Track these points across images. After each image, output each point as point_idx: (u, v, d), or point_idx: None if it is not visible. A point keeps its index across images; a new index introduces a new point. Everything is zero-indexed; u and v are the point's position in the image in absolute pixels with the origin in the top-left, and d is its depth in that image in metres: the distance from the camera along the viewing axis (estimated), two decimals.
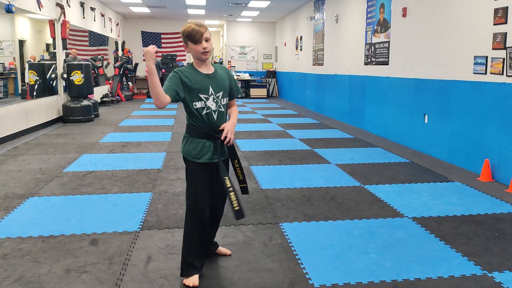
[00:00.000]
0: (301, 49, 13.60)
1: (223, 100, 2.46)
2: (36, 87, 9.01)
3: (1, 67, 9.84)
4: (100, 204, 3.84)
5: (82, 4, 11.06)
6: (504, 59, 4.56)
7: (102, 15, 13.35)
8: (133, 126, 8.58)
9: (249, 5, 13.53)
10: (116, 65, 13.83)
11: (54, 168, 5.13)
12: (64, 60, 9.67)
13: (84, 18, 11.35)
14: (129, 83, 15.65)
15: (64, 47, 9.69)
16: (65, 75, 9.36)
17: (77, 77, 9.27)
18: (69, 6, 9.94)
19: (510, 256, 2.84)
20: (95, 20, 12.48)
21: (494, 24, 4.69)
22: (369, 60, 8.19)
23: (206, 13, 15.80)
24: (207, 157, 2.41)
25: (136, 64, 15.51)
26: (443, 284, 2.47)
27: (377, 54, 7.84)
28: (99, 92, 12.44)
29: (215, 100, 2.41)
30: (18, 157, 5.72)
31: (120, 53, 15.25)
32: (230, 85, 2.53)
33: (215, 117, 2.42)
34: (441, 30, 5.76)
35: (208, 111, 2.39)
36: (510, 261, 2.77)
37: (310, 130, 8.28)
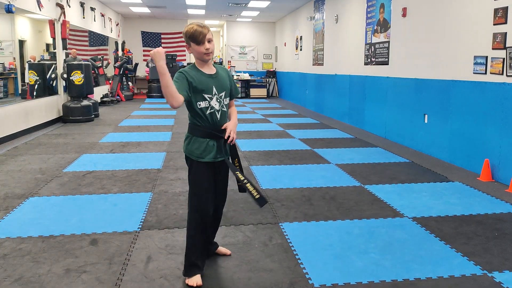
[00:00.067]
0: (301, 49, 13.60)
1: (226, 100, 2.50)
2: (36, 87, 9.00)
3: (1, 67, 9.84)
4: (100, 204, 3.84)
5: (82, 4, 11.06)
6: (504, 59, 4.56)
7: (102, 15, 13.35)
8: (133, 126, 8.58)
9: (249, 5, 13.53)
10: (116, 65, 13.83)
11: (54, 168, 5.13)
12: (64, 60, 9.67)
13: (84, 18, 11.36)
14: (129, 83, 15.64)
15: (64, 47, 9.69)
16: (65, 75, 9.36)
17: (77, 77, 9.27)
18: (69, 6, 9.94)
19: (510, 256, 2.84)
20: (95, 20, 12.48)
21: (494, 24, 4.69)
22: (369, 60, 8.20)
23: (206, 13, 15.80)
24: (211, 156, 2.44)
25: (136, 64, 15.50)
26: (443, 284, 2.47)
27: (377, 54, 7.84)
28: (99, 92, 12.44)
29: (218, 100, 2.44)
30: (18, 157, 5.72)
31: (120, 53, 15.25)
32: (230, 86, 2.56)
33: (219, 117, 2.45)
34: (441, 30, 5.76)
35: (212, 111, 2.42)
36: (510, 261, 2.77)
37: (310, 130, 8.28)
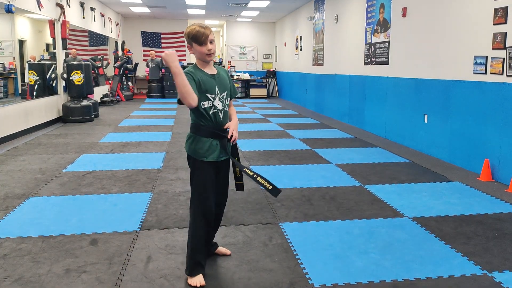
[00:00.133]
0: (301, 49, 13.60)
1: (227, 100, 2.53)
2: (36, 87, 9.00)
3: (1, 67, 9.84)
4: (100, 204, 3.84)
5: (82, 4, 11.06)
6: (504, 59, 4.56)
7: (102, 15, 13.35)
8: (133, 126, 8.58)
9: (249, 5, 13.53)
10: (116, 65, 13.83)
11: (54, 168, 5.13)
12: (64, 60, 9.67)
13: (84, 18, 11.36)
14: (129, 83, 15.64)
15: (64, 47, 9.69)
16: (65, 75, 9.36)
17: (77, 77, 9.27)
18: (69, 6, 9.94)
19: (510, 256, 2.84)
20: (95, 20, 12.48)
21: (494, 24, 4.69)
22: (369, 60, 8.20)
23: (206, 13, 15.80)
24: (215, 156, 2.47)
25: (136, 64, 15.50)
26: (443, 284, 2.47)
27: (377, 54, 7.84)
28: (99, 92, 12.44)
29: (221, 100, 2.47)
30: (18, 157, 5.72)
31: (120, 53, 15.25)
32: (230, 86, 2.57)
33: (221, 116, 2.48)
34: (441, 30, 5.76)
35: (215, 111, 2.45)
36: (510, 261, 2.77)
37: (310, 130, 8.28)
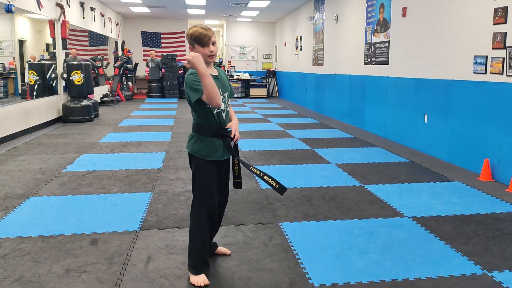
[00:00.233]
0: (301, 49, 13.60)
1: (229, 100, 2.57)
2: (36, 87, 9.00)
3: (1, 67, 9.83)
4: (100, 204, 3.84)
5: (82, 4, 11.06)
6: (504, 59, 4.56)
7: (102, 15, 13.35)
8: (133, 126, 8.58)
9: (249, 5, 13.53)
10: (116, 65, 13.83)
11: (54, 168, 5.13)
12: (64, 60, 9.67)
13: (84, 18, 11.36)
14: (129, 83, 15.64)
15: (64, 47, 9.69)
16: (65, 75, 9.36)
17: (77, 77, 9.27)
18: (69, 6, 9.94)
19: (510, 256, 2.84)
20: (95, 20, 12.48)
21: (494, 24, 4.69)
22: (369, 60, 8.20)
23: (206, 13, 15.80)
24: (218, 155, 2.49)
25: (136, 64, 15.50)
26: (443, 284, 2.47)
27: (377, 54, 7.84)
28: (99, 92, 12.44)
29: (223, 100, 2.48)
30: (18, 157, 5.72)
31: (120, 53, 15.25)
32: (229, 86, 2.59)
33: (224, 116, 2.50)
34: (441, 30, 5.76)
35: (219, 111, 2.46)
36: (510, 261, 2.77)
37: (310, 130, 8.28)
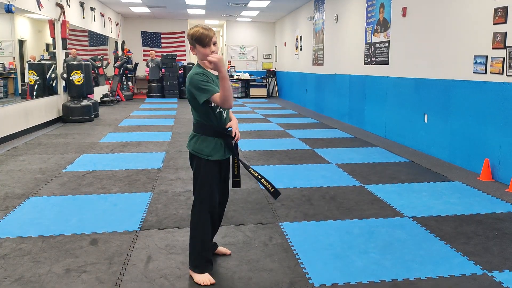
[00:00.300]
0: (301, 49, 13.60)
1: None
2: (36, 87, 8.99)
3: (1, 67, 9.83)
4: (100, 204, 3.84)
5: (82, 4, 11.06)
6: (504, 59, 4.56)
7: (102, 15, 13.35)
8: (133, 126, 8.58)
9: (249, 5, 13.53)
10: (116, 65, 13.83)
11: (54, 168, 5.13)
12: (64, 60, 9.67)
13: (84, 18, 11.35)
14: (129, 83, 15.64)
15: (64, 47, 9.69)
16: (65, 75, 9.36)
17: (77, 77, 9.27)
18: (69, 6, 9.94)
19: (510, 256, 2.84)
20: (95, 20, 12.48)
21: (494, 24, 4.69)
22: (369, 60, 8.19)
23: (206, 13, 15.80)
24: (220, 155, 2.49)
25: (136, 64, 15.49)
26: (443, 284, 2.47)
27: (377, 54, 7.84)
28: (99, 92, 12.44)
29: None
30: (18, 157, 5.72)
31: (120, 53, 15.25)
32: None
33: (225, 116, 2.52)
34: (441, 30, 5.76)
35: (221, 110, 2.48)
36: (510, 261, 2.77)
37: (310, 130, 8.28)
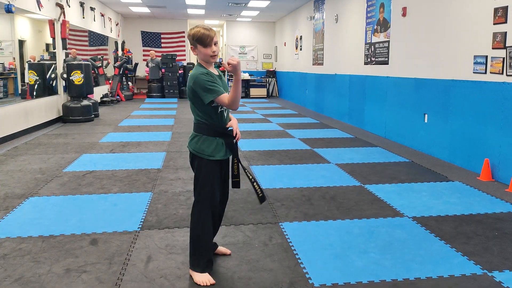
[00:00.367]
0: (301, 49, 13.60)
1: None
2: (36, 87, 8.99)
3: (1, 67, 9.83)
4: (100, 204, 3.84)
5: (82, 4, 11.06)
6: (504, 59, 4.56)
7: (102, 15, 13.35)
8: (133, 126, 8.58)
9: (249, 5, 13.53)
10: (116, 65, 13.83)
11: (54, 168, 5.13)
12: (64, 60, 9.67)
13: (84, 18, 11.35)
14: (129, 83, 15.64)
15: (64, 47, 9.69)
16: (65, 75, 9.36)
17: (77, 77, 9.27)
18: (69, 6, 9.94)
19: (510, 256, 2.84)
20: (95, 20, 12.48)
21: (494, 24, 4.69)
22: (369, 60, 8.19)
23: (206, 13, 15.80)
24: (222, 155, 2.50)
25: (136, 64, 15.49)
26: (443, 284, 2.47)
27: (377, 54, 7.84)
28: (99, 92, 12.44)
29: None
30: (18, 157, 5.72)
31: (120, 53, 15.25)
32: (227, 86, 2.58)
33: (225, 116, 2.52)
34: (441, 30, 5.76)
35: (222, 110, 2.49)
36: (510, 261, 2.77)
37: (310, 130, 8.28)
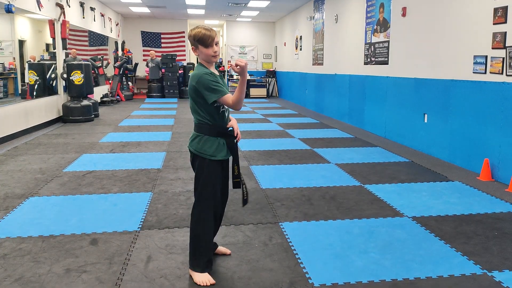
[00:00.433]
0: (301, 49, 13.60)
1: None
2: (36, 87, 9.00)
3: (1, 67, 9.83)
4: (100, 204, 3.84)
5: (82, 4, 11.06)
6: (504, 59, 4.56)
7: (102, 15, 13.35)
8: (133, 126, 8.58)
9: (249, 5, 13.53)
10: (116, 65, 13.83)
11: (54, 168, 5.13)
12: (64, 60, 9.67)
13: (84, 18, 11.35)
14: (129, 83, 15.64)
15: (64, 47, 9.69)
16: (65, 75, 9.36)
17: (77, 77, 9.27)
18: (69, 6, 9.94)
19: (510, 255, 2.84)
20: (95, 20, 12.48)
21: (494, 24, 4.69)
22: (369, 60, 8.20)
23: (206, 13, 15.80)
24: (223, 155, 2.51)
25: (136, 64, 15.49)
26: (443, 283, 2.47)
27: (377, 54, 7.84)
28: (99, 92, 12.44)
29: None
30: (18, 157, 5.72)
31: (120, 53, 15.25)
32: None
33: (226, 116, 2.53)
34: (441, 30, 5.76)
35: (223, 109, 2.49)
36: (510, 260, 2.77)
37: (310, 130, 8.28)
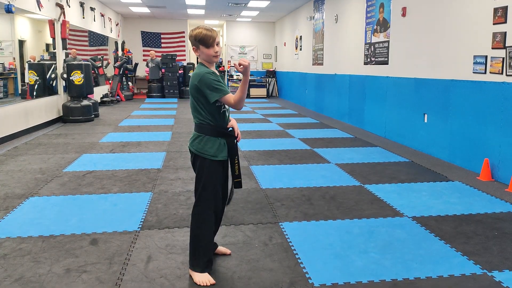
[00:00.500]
0: (301, 49, 13.60)
1: None
2: (36, 87, 9.00)
3: (1, 67, 9.83)
4: (100, 204, 3.84)
5: (82, 4, 11.06)
6: (504, 59, 4.56)
7: (102, 15, 13.35)
8: (133, 126, 8.58)
9: (249, 5, 13.53)
10: (116, 65, 13.83)
11: (54, 168, 5.13)
12: (64, 60, 9.67)
13: (84, 18, 11.36)
14: (129, 83, 15.64)
15: (64, 47, 9.69)
16: (65, 75, 9.36)
17: (77, 77, 9.28)
18: (69, 6, 9.94)
19: (510, 255, 2.85)
20: (95, 20, 12.48)
21: (494, 24, 4.69)
22: (369, 60, 8.20)
23: (206, 13, 15.80)
24: (224, 155, 2.51)
25: (136, 64, 15.48)
26: (443, 283, 2.47)
27: (377, 54, 7.84)
28: (99, 92, 12.44)
29: None
30: (18, 157, 5.72)
31: (120, 53, 15.25)
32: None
33: (227, 116, 2.53)
34: (441, 30, 5.76)
35: (224, 109, 2.50)
36: (510, 260, 2.77)
37: (310, 130, 8.28)
